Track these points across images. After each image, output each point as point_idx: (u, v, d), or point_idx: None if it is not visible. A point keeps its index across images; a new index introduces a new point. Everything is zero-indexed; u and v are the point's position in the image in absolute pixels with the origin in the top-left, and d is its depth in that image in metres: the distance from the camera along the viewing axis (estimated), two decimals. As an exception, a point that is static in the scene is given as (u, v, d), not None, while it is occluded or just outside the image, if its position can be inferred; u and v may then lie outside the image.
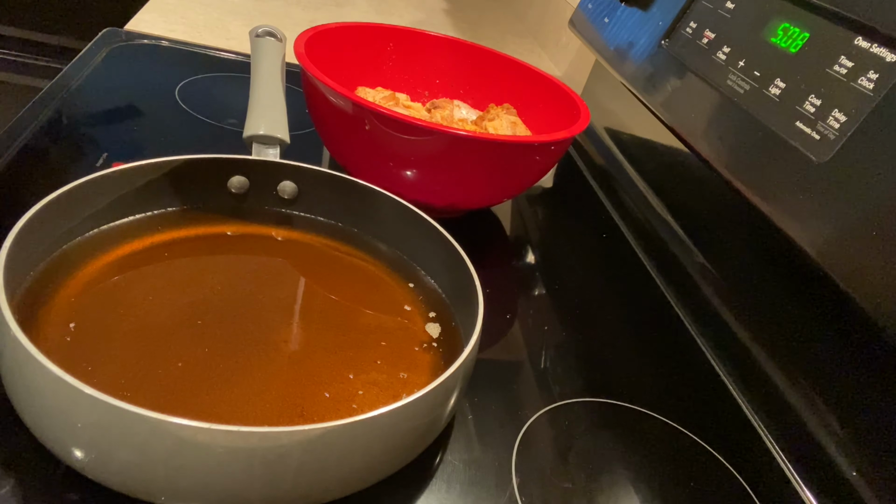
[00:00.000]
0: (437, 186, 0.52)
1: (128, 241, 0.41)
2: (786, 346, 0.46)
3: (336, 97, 0.49)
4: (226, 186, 0.46)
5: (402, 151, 0.49)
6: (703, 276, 0.56)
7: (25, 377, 0.28)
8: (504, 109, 0.62)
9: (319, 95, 0.51)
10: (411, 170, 0.50)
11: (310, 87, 0.52)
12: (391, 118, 0.47)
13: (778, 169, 0.44)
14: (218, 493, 0.28)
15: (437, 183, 0.51)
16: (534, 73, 0.65)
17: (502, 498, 0.35)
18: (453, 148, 0.48)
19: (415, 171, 0.50)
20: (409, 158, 0.49)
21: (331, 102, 0.50)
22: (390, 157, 0.50)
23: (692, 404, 0.45)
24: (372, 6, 1.16)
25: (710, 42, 0.55)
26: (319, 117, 0.53)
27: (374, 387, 0.36)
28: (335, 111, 0.50)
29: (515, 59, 0.66)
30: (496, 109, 0.63)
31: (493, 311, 0.48)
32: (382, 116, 0.47)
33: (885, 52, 0.39)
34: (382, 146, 0.49)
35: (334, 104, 0.49)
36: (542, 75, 0.64)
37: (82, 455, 0.28)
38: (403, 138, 0.48)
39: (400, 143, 0.48)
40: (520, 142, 0.51)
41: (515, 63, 0.66)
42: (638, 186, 0.69)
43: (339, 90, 0.47)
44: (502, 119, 0.60)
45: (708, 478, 0.40)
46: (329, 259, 0.46)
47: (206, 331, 0.37)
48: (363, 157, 0.51)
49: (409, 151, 0.49)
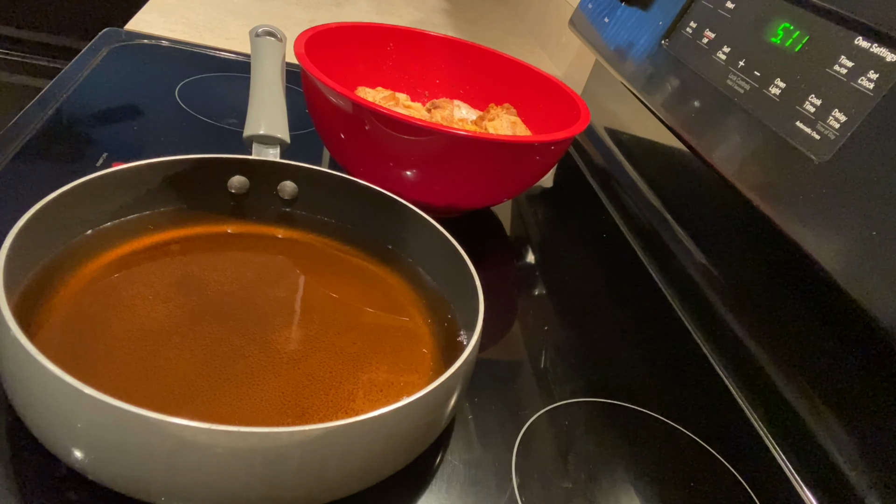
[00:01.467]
0: (436, 186, 0.52)
1: (128, 241, 0.41)
2: (786, 346, 0.46)
3: (336, 97, 0.49)
4: (226, 186, 0.46)
5: (402, 151, 0.49)
6: (703, 276, 0.56)
7: (25, 377, 0.28)
8: (504, 109, 0.62)
9: (319, 95, 0.51)
10: (411, 170, 0.50)
11: (310, 87, 0.52)
12: (391, 118, 0.47)
13: (778, 169, 0.44)
14: (218, 494, 0.28)
15: (437, 183, 0.51)
16: (534, 72, 0.65)
17: (502, 498, 0.35)
18: (453, 148, 0.48)
19: (414, 171, 0.50)
20: (409, 158, 0.49)
21: (331, 102, 0.50)
22: (390, 157, 0.50)
23: (692, 404, 0.45)
24: (372, 6, 1.16)
25: (710, 42, 0.55)
26: (319, 117, 0.53)
27: (374, 387, 0.36)
28: (335, 111, 0.50)
29: (515, 59, 0.66)
30: (496, 109, 0.63)
31: (493, 311, 0.48)
32: (382, 116, 0.47)
33: (885, 52, 0.39)
34: (382, 146, 0.49)
35: (334, 104, 0.49)
36: (542, 75, 0.64)
37: (82, 455, 0.28)
38: (403, 138, 0.48)
39: (399, 143, 0.48)
40: (519, 142, 0.51)
41: (515, 63, 0.66)
42: (638, 186, 0.69)
43: (339, 90, 0.47)
44: (502, 119, 0.60)
45: (708, 478, 0.40)
46: (329, 259, 0.46)
47: (206, 330, 0.37)
48: (363, 157, 0.51)
49: (408, 151, 0.49)
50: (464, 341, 0.40)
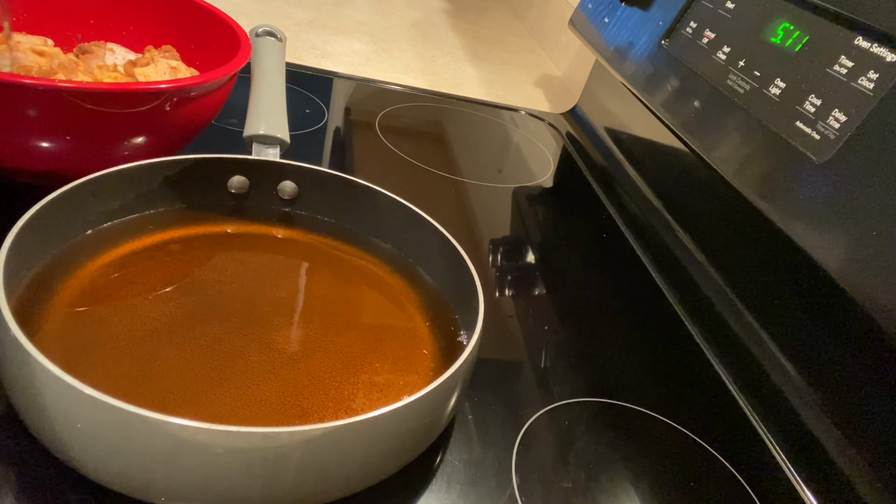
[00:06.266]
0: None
1: (128, 241, 0.41)
2: (786, 346, 0.46)
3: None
4: (226, 186, 0.46)
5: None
6: (703, 276, 0.56)
7: (25, 377, 0.28)
8: (162, 52, 0.55)
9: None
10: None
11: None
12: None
13: (778, 169, 0.44)
14: (218, 494, 0.28)
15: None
16: (200, 7, 0.56)
17: (502, 498, 0.35)
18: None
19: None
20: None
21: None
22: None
23: (692, 404, 0.45)
24: (372, 5, 1.16)
25: (710, 42, 0.55)
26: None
27: (374, 387, 0.36)
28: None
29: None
30: (152, 52, 0.55)
31: (493, 311, 0.48)
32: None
33: (885, 52, 0.39)
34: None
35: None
36: (207, 9, 0.56)
37: (82, 455, 0.28)
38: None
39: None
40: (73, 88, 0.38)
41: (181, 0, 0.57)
42: (638, 186, 0.69)
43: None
44: (159, 64, 0.52)
45: (708, 478, 0.40)
46: (329, 259, 0.46)
47: (206, 330, 0.37)
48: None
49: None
50: (464, 341, 0.40)
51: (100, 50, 0.55)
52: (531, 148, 0.78)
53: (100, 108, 0.40)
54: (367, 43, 0.98)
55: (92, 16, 0.58)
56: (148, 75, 0.51)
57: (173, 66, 0.53)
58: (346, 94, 0.79)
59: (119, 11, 0.58)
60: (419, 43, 1.05)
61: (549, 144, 0.81)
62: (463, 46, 1.09)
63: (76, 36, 0.58)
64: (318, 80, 0.79)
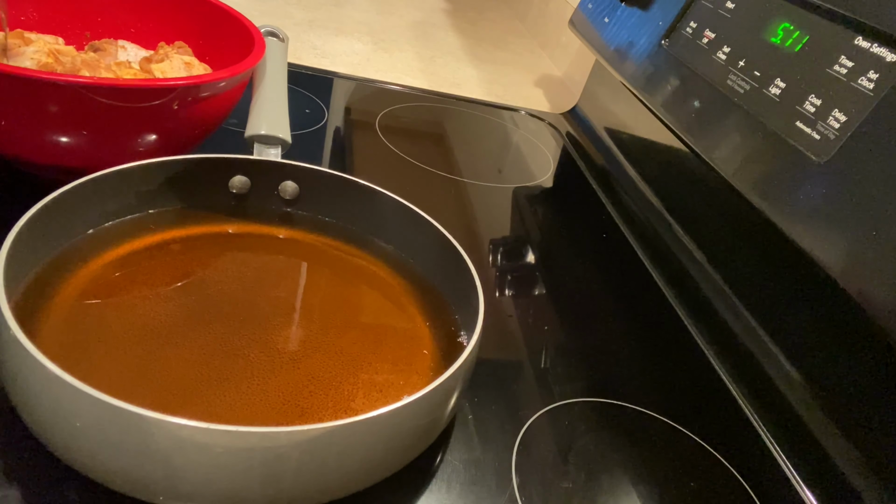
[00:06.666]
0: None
1: (128, 241, 0.41)
2: (786, 346, 0.46)
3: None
4: (227, 186, 0.46)
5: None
6: (703, 276, 0.56)
7: (25, 377, 0.28)
8: (176, 49, 0.55)
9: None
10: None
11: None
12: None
13: (778, 169, 0.44)
14: (218, 493, 0.28)
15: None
16: (209, 4, 0.57)
17: (502, 498, 0.35)
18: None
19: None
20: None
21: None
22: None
23: (692, 404, 0.45)
24: (372, 5, 1.16)
25: (710, 42, 0.55)
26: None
27: (374, 387, 0.36)
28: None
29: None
30: (166, 49, 0.55)
31: (493, 311, 0.48)
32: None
33: (885, 52, 0.39)
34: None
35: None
36: (217, 6, 0.56)
37: (82, 454, 0.28)
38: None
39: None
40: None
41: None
42: (638, 186, 0.69)
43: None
44: (174, 60, 0.52)
45: (708, 478, 0.40)
46: (330, 259, 0.46)
47: (207, 330, 0.37)
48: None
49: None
50: (464, 341, 0.40)
51: (111, 47, 0.56)
52: (531, 148, 0.78)
53: (128, 104, 0.42)
54: (367, 43, 0.98)
55: (100, 13, 0.58)
56: (164, 71, 0.52)
57: (187, 61, 0.54)
58: (346, 94, 0.79)
59: (126, 9, 0.58)
60: (419, 43, 1.05)
61: (549, 144, 0.81)
62: (463, 46, 1.09)
63: (84, 34, 0.58)
64: (318, 80, 0.79)
